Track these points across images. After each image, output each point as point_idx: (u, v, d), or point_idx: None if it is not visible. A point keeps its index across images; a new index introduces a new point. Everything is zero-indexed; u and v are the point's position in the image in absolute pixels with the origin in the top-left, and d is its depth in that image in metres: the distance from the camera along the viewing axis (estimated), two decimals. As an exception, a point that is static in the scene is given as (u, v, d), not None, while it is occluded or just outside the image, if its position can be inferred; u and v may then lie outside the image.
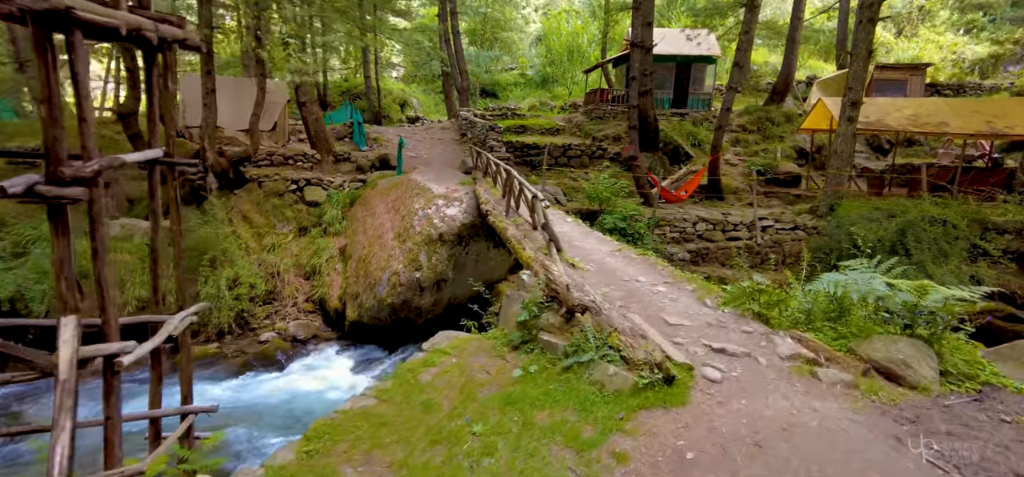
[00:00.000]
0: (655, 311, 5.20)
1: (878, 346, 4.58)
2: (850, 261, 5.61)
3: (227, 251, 13.62)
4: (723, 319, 5.12)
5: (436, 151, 19.74)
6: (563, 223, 9.95)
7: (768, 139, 21.72)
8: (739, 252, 14.64)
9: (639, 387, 3.67)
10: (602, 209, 14.67)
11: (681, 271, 6.36)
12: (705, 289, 5.77)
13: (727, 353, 4.45)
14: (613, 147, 20.95)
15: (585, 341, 4.19)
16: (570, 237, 8.57)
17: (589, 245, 7.97)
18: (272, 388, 10.82)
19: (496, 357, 4.59)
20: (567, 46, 33.34)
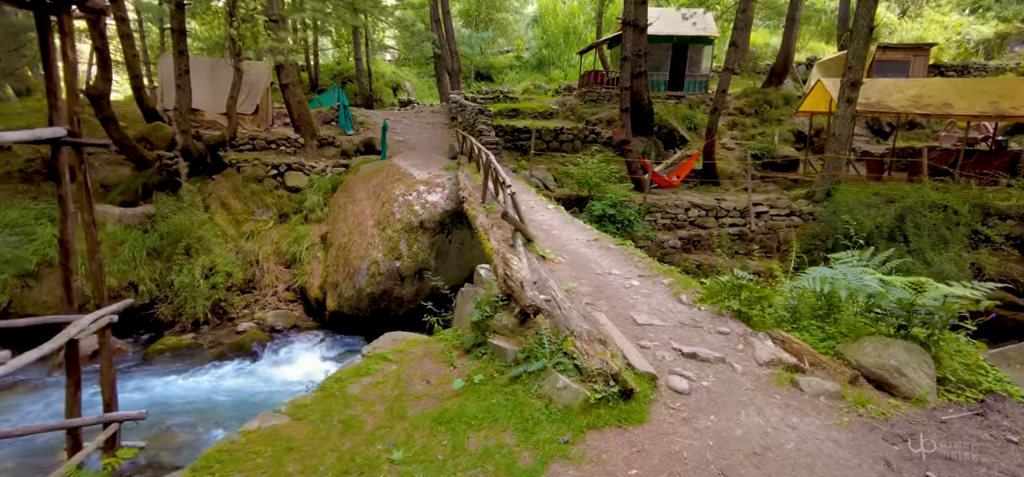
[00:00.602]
0: (625, 308, 4.70)
1: (868, 350, 4.08)
2: (840, 253, 5.10)
3: (203, 239, 13.14)
4: (699, 318, 4.62)
5: (425, 135, 19.16)
6: (544, 210, 9.43)
7: (766, 122, 21.08)
8: (733, 239, 14.13)
9: (591, 403, 3.19)
10: (591, 195, 14.13)
11: (658, 264, 5.86)
12: (682, 283, 5.27)
13: (699, 358, 3.95)
14: (607, 131, 20.35)
15: (539, 346, 3.70)
16: (549, 226, 8.07)
17: (567, 234, 7.47)
18: (243, 381, 10.38)
19: (443, 363, 4.11)
20: (563, 27, 32.53)
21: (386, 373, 3.98)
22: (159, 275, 12.54)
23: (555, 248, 6.68)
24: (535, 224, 8.18)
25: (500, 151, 16.71)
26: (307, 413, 3.44)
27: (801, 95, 21.34)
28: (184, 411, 8.65)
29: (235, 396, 9.50)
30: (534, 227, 7.80)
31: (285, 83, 17.00)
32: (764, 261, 13.91)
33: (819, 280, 4.44)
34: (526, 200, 10.72)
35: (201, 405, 8.96)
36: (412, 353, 4.34)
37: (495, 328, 4.10)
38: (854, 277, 4.53)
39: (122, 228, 12.81)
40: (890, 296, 4.25)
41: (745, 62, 26.13)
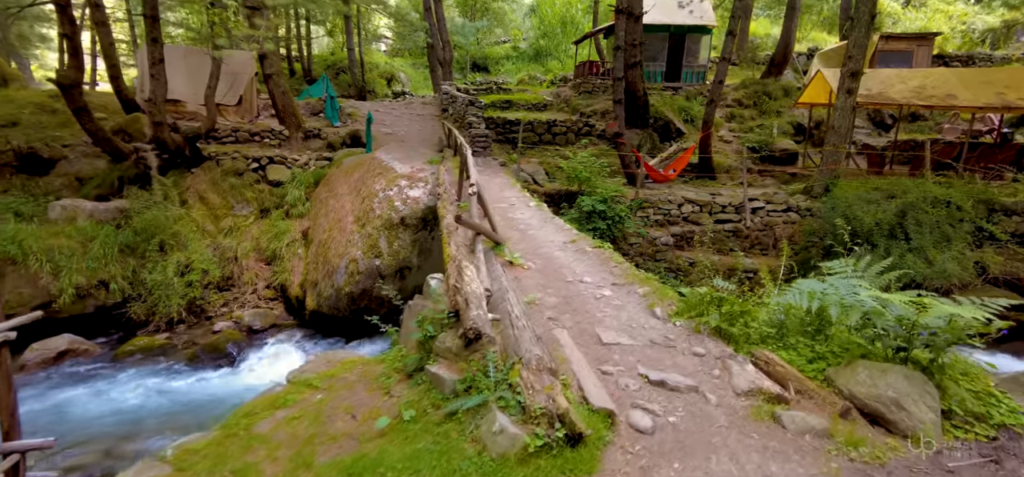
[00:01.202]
0: (591, 324, 4.18)
1: (863, 377, 3.55)
2: (833, 263, 4.55)
3: (179, 234, 12.64)
4: (673, 336, 4.09)
5: (414, 128, 18.59)
6: (524, 208, 8.90)
7: (765, 114, 20.44)
8: (728, 236, 13.57)
9: (530, 451, 2.68)
10: (581, 190, 13.57)
11: (635, 270, 5.33)
12: (658, 294, 4.74)
13: (668, 387, 3.43)
14: (601, 123, 19.75)
15: (482, 376, 3.19)
16: (526, 225, 7.54)
17: (544, 235, 6.94)
18: (213, 385, 9.90)
19: (378, 391, 3.60)
20: (560, 17, 31.80)
21: (308, 405, 3.47)
22: (132, 273, 12.06)
23: (528, 251, 6.16)
24: (512, 223, 7.65)
25: (489, 145, 16.15)
26: (195, 461, 2.94)
27: (801, 86, 20.68)
28: (131, 422, 8.16)
29: (198, 403, 9.01)
30: (510, 227, 7.28)
31: (269, 73, 16.40)
32: (760, 258, 13.36)
33: (807, 296, 3.90)
34: (507, 197, 10.18)
35: (159, 412, 8.47)
36: (345, 378, 3.84)
37: (438, 351, 3.58)
38: (847, 291, 4.00)
39: (93, 223, 12.32)
40: (888, 315, 3.71)
41: (744, 52, 25.44)
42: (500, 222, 7.65)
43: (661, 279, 13.19)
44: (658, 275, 12.98)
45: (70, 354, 10.37)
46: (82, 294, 11.39)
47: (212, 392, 9.51)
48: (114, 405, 8.81)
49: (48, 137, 14.84)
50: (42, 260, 10.95)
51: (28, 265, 10.89)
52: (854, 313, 3.77)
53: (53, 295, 10.92)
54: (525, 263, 5.54)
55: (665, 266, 13.06)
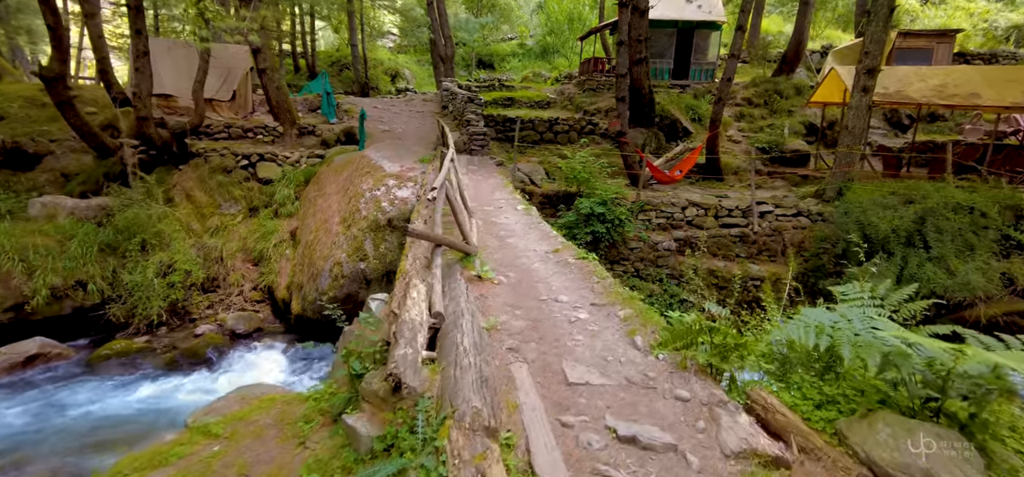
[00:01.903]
0: (559, 355, 3.52)
1: (883, 436, 2.85)
2: (844, 286, 3.85)
3: (162, 234, 12.14)
4: (654, 373, 3.42)
5: (412, 125, 17.98)
6: (511, 211, 8.23)
7: (775, 114, 19.57)
8: (734, 241, 12.79)
9: (445, 550, 2.04)
10: (580, 191, 12.87)
11: (619, 288, 4.63)
12: (641, 318, 4.05)
13: (640, 445, 2.75)
14: (605, 122, 19.03)
15: (407, 433, 2.56)
16: (509, 231, 6.88)
17: (525, 243, 6.28)
18: (186, 392, 9.37)
19: (292, 441, 2.97)
20: (568, 13, 31.01)
21: (195, 461, 2.85)
22: (112, 273, 11.58)
23: (504, 262, 5.50)
24: (493, 229, 7.00)
25: (487, 143, 15.51)
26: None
27: (814, 85, 19.77)
28: (87, 433, 7.63)
29: (165, 412, 8.46)
30: (490, 233, 6.62)
31: (263, 68, 15.89)
32: (767, 265, 12.58)
33: (814, 330, 3.20)
34: (496, 198, 9.52)
35: (116, 425, 7.94)
36: (256, 422, 3.21)
37: (365, 394, 2.93)
38: (863, 325, 3.29)
39: (74, 221, 11.86)
40: (915, 357, 3.00)
41: (755, 50, 24.51)
42: (481, 226, 7.00)
43: (663, 286, 12.51)
44: (659, 282, 12.28)
45: (41, 359, 9.88)
46: (58, 295, 10.92)
47: (182, 401, 8.98)
48: (75, 416, 8.29)
49: (35, 132, 14.43)
50: (15, 259, 10.48)
51: (2, 265, 10.43)
52: (872, 354, 3.06)
53: (26, 296, 10.46)
54: (496, 277, 4.89)
55: (666, 272, 12.34)
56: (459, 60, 32.05)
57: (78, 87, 16.74)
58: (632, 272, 12.39)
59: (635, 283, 12.08)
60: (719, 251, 12.76)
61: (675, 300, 11.81)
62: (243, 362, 10.66)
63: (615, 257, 12.38)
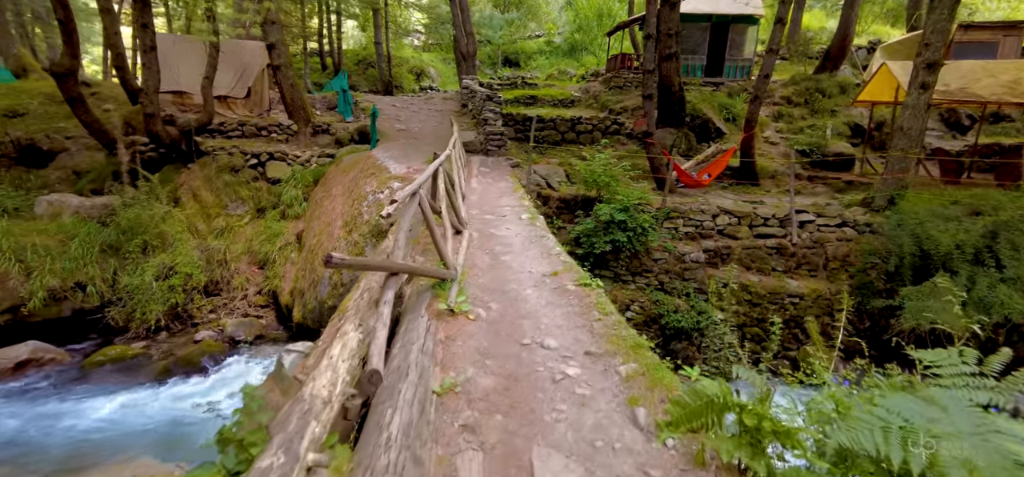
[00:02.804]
0: (529, 437, 2.54)
1: None
2: (931, 352, 2.73)
3: (165, 235, 11.65)
4: (658, 472, 2.41)
5: (430, 124, 17.18)
6: (514, 221, 7.26)
7: (817, 113, 17.99)
8: (770, 253, 11.51)
9: None
10: (599, 196, 11.80)
11: (624, 331, 3.61)
12: (648, 378, 3.02)
13: None
14: (631, 121, 17.84)
15: None
16: (506, 246, 5.92)
17: (522, 262, 5.30)
18: (175, 405, 8.76)
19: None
20: (597, 9, 29.76)
21: None
22: (113, 275, 11.13)
23: (489, 287, 4.56)
24: (488, 242, 6.05)
25: (505, 143, 14.57)
26: None
27: (860, 82, 18.10)
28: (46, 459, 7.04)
29: (146, 430, 7.85)
30: (484, 248, 5.67)
31: (276, 64, 15.33)
32: (807, 281, 11.26)
33: (880, 432, 2.16)
34: (503, 205, 8.57)
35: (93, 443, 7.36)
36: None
37: None
38: (973, 424, 2.21)
39: (77, 220, 11.47)
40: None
41: (795, 45, 22.82)
42: (475, 239, 6.06)
43: (689, 302, 11.33)
44: (686, 297, 11.11)
45: (33, 364, 9.44)
46: (57, 297, 10.51)
47: (164, 416, 8.37)
48: (52, 431, 7.75)
49: (52, 128, 14.22)
50: (12, 260, 10.09)
51: (-1, 265, 10.06)
52: (996, 476, 1.98)
53: (23, 298, 10.06)
54: (474, 310, 3.94)
55: (694, 286, 11.16)
56: (485, 58, 31.20)
57: (98, 84, 16.55)
58: (656, 285, 11.26)
59: (658, 297, 10.97)
60: (753, 264, 11.50)
61: (703, 317, 10.63)
62: (238, 372, 10.01)
63: (637, 268, 11.28)
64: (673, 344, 10.78)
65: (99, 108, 15.53)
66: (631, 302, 11.05)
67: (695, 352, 10.72)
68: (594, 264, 11.33)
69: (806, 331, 10.77)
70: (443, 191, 5.46)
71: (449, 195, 5.96)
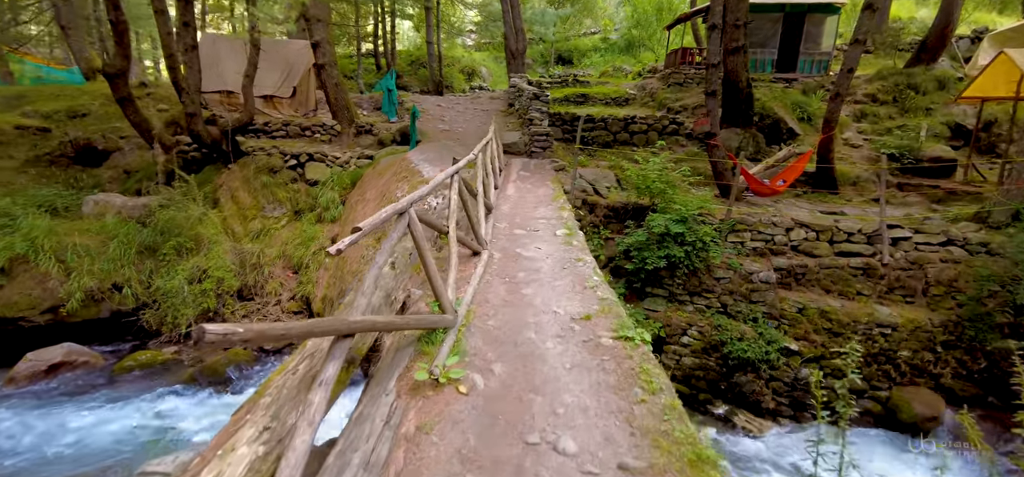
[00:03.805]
0: None
1: None
2: None
3: (200, 237, 11.33)
4: None
5: (474, 124, 16.29)
6: (547, 239, 6.11)
7: (908, 112, 15.69)
8: (855, 274, 9.77)
9: None
10: (653, 204, 10.45)
11: (678, 427, 2.41)
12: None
13: None
14: (691, 120, 16.23)
15: None
16: (531, 273, 4.81)
17: (546, 297, 4.14)
18: (194, 417, 8.27)
19: None
20: (656, 3, 27.94)
21: None
22: (149, 276, 10.90)
23: (499, 336, 3.48)
24: (513, 266, 4.97)
25: (550, 144, 13.43)
26: None
27: (964, 77, 15.65)
28: None
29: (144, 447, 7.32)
30: (504, 274, 4.61)
31: (320, 63, 14.89)
32: (902, 308, 9.43)
33: None
34: (537, 217, 7.45)
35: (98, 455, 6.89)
36: None
37: None
38: None
39: (119, 220, 11.33)
40: None
41: (882, 36, 20.26)
42: (497, 262, 5.00)
43: (757, 328, 9.75)
44: (753, 322, 9.57)
45: (65, 367, 9.25)
46: (96, 298, 10.35)
47: (177, 430, 7.86)
48: (67, 441, 7.38)
49: (108, 129, 14.38)
50: (53, 260, 9.98)
51: (40, 265, 9.97)
52: None
53: (61, 299, 9.93)
54: (467, 377, 2.84)
55: (763, 310, 9.62)
56: (537, 56, 30.07)
57: (154, 84, 16.76)
58: (717, 307, 9.81)
59: (720, 321, 9.51)
60: (835, 286, 9.81)
61: (774, 347, 9.09)
62: (253, 387, 9.43)
63: (695, 288, 9.86)
64: (737, 376, 9.31)
65: (153, 108, 15.68)
66: (688, 326, 9.66)
67: (763, 387, 9.20)
68: (645, 281, 10.01)
69: (899, 367, 9.00)
70: (456, 204, 4.45)
71: (466, 208, 4.93)
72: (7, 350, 9.48)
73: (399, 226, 3.34)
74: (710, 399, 9.53)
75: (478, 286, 4.32)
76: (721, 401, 9.53)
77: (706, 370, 9.59)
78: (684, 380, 9.68)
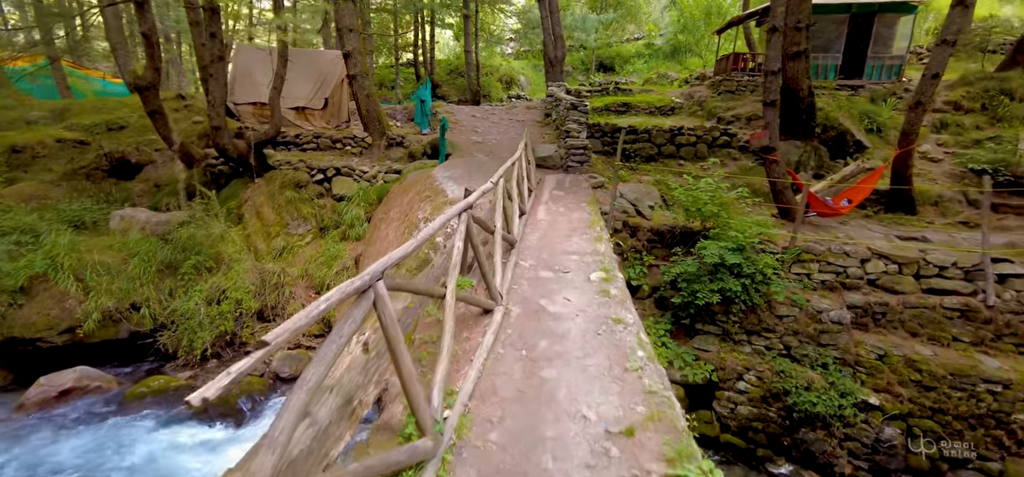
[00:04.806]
0: None
1: None
2: None
3: (221, 255, 10.80)
4: None
5: (508, 136, 15.33)
6: (583, 284, 4.98)
7: (1001, 121, 13.68)
8: (950, 316, 8.17)
9: None
10: (705, 229, 9.15)
11: None
12: None
13: None
14: (745, 132, 14.72)
15: None
16: (557, 338, 3.71)
17: (573, 386, 3.01)
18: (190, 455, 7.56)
19: None
20: (704, 7, 26.28)
21: None
22: (169, 295, 10.42)
23: (508, 463, 2.41)
24: (533, 326, 3.90)
25: (588, 158, 12.28)
26: None
27: (1069, 80, 13.52)
28: None
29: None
30: (522, 341, 3.56)
31: (352, 74, 14.32)
32: (1014, 360, 7.77)
33: None
34: (571, 250, 6.35)
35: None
36: None
37: None
38: None
39: (142, 237, 10.93)
40: None
41: (966, 37, 18.04)
42: (513, 322, 3.93)
43: (828, 376, 8.31)
44: (822, 368, 8.13)
45: (76, 392, 8.77)
46: (115, 318, 9.90)
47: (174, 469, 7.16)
48: None
49: (144, 142, 14.21)
50: (71, 279, 9.60)
51: (59, 284, 9.61)
52: None
53: (79, 319, 9.53)
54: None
55: (834, 355, 8.17)
56: (578, 63, 28.89)
57: (192, 96, 16.60)
58: (779, 349, 8.41)
59: (783, 365, 8.13)
60: (923, 330, 8.23)
61: (849, 400, 7.64)
62: (260, 426, 8.68)
63: (754, 326, 8.51)
64: (803, 432, 7.90)
65: (188, 120, 15.48)
66: (745, 370, 8.32)
67: (836, 447, 7.75)
68: (695, 317, 8.72)
69: (1014, 434, 7.36)
70: (459, 256, 3.44)
71: (477, 256, 3.91)
72: (26, 370, 9.14)
73: (357, 310, 2.36)
74: (770, 456, 8.16)
75: (484, 366, 3.27)
76: (784, 459, 8.14)
77: (766, 421, 8.21)
78: (739, 432, 8.35)
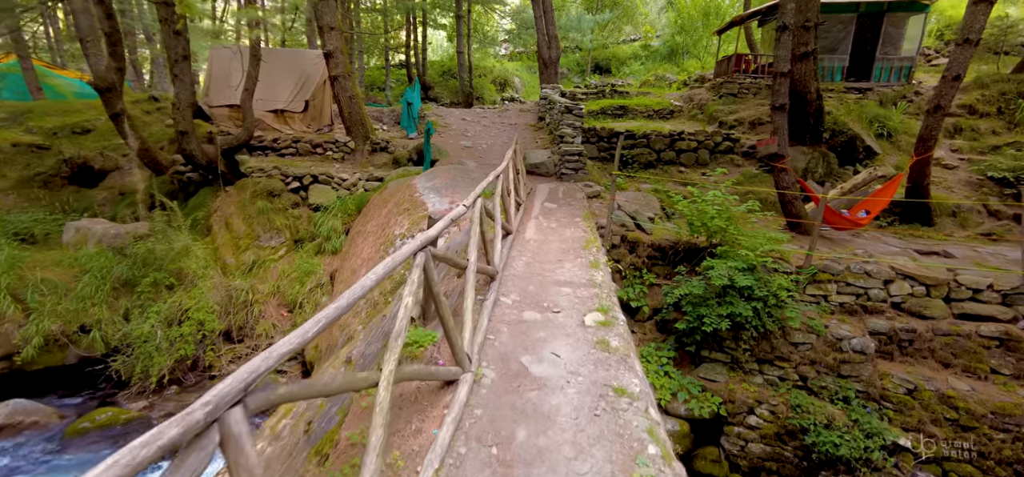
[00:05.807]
0: None
1: None
2: None
3: (182, 271, 9.78)
4: None
5: (500, 140, 14.37)
6: (576, 330, 3.98)
7: (1018, 126, 12.82)
8: (987, 344, 7.25)
9: None
10: (711, 245, 8.21)
11: None
12: None
13: None
14: (749, 137, 13.81)
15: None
16: (543, 418, 2.75)
17: (559, 445, 2.15)
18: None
19: None
20: (702, 7, 25.40)
21: None
22: (124, 316, 9.40)
23: None
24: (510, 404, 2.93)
25: (583, 165, 11.33)
26: None
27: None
28: None
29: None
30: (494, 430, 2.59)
31: (334, 75, 13.32)
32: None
33: None
34: (561, 279, 5.41)
35: None
36: None
37: None
38: None
39: (98, 251, 9.91)
40: None
41: (975, 37, 17.17)
42: (487, 391, 2.98)
43: (849, 412, 7.39)
44: (843, 402, 7.22)
45: (7, 430, 7.73)
46: (61, 343, 8.87)
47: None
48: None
49: (109, 146, 13.18)
50: (8, 300, 8.58)
51: (-3, 305, 8.59)
52: None
53: (16, 345, 8.50)
54: None
55: (857, 387, 7.24)
56: (573, 65, 27.97)
57: (166, 97, 15.56)
58: (795, 380, 7.48)
59: (800, 399, 7.20)
60: (957, 360, 7.31)
61: (875, 442, 6.71)
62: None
63: (766, 354, 7.57)
64: (824, 475, 6.96)
65: (161, 123, 14.46)
66: (756, 403, 7.38)
67: (860, 495, 6.81)
68: (701, 343, 7.78)
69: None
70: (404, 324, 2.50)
71: (439, 310, 2.96)
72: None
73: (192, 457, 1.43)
74: (786, 502, 7.23)
75: (443, 465, 2.27)
76: (801, 505, 7.21)
77: (780, 462, 7.28)
78: (751, 473, 7.41)
